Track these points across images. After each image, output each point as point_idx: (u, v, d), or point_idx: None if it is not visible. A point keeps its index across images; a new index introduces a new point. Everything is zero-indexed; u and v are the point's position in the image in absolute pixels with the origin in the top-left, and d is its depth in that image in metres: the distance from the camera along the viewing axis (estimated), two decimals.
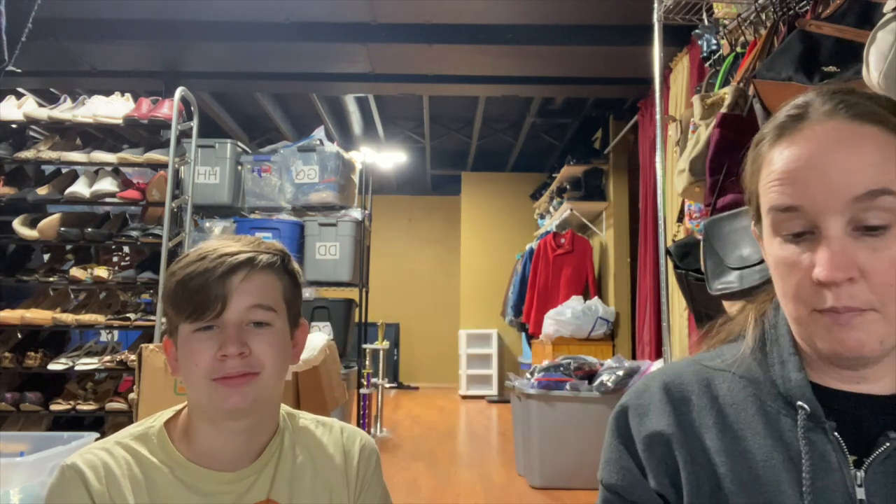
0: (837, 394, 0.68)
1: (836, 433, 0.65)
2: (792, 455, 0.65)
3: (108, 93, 3.61)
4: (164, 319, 3.43)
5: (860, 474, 0.63)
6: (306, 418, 0.96)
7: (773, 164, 0.66)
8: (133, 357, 3.16)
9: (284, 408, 0.95)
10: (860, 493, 0.62)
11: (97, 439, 2.33)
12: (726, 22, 2.40)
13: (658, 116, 2.53)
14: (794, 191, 0.64)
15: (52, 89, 4.97)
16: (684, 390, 0.73)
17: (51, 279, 3.36)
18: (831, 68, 1.48)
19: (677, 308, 3.45)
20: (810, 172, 0.63)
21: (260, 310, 0.85)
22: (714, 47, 2.48)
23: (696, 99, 2.20)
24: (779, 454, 0.66)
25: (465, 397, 8.02)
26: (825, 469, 0.64)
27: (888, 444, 0.63)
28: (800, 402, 0.66)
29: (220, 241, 0.89)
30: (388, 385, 6.47)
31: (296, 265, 0.94)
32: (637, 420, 0.73)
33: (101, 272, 3.26)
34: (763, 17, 2.18)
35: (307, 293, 3.91)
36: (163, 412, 0.92)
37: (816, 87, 0.70)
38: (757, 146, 0.70)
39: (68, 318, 3.25)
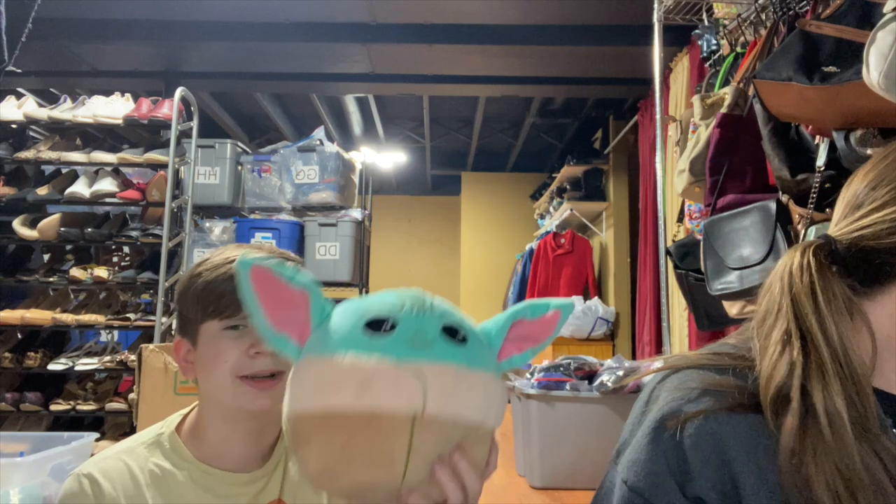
0: None
1: None
2: None
3: (108, 93, 3.61)
4: (164, 319, 3.38)
5: None
6: None
7: None
8: (133, 357, 3.16)
9: None
10: None
11: (97, 440, 2.33)
12: (726, 22, 2.40)
13: (658, 116, 2.54)
14: None
15: (52, 89, 4.97)
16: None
17: (51, 279, 3.36)
18: (831, 68, 1.48)
19: (677, 308, 3.44)
20: None
21: None
22: (714, 47, 2.48)
23: (696, 99, 2.20)
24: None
25: None
26: None
27: None
28: None
29: (236, 248, 0.91)
30: None
31: None
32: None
33: (101, 272, 3.26)
34: (763, 17, 2.18)
35: None
36: (170, 418, 0.93)
37: None
38: None
39: (68, 318, 3.25)
